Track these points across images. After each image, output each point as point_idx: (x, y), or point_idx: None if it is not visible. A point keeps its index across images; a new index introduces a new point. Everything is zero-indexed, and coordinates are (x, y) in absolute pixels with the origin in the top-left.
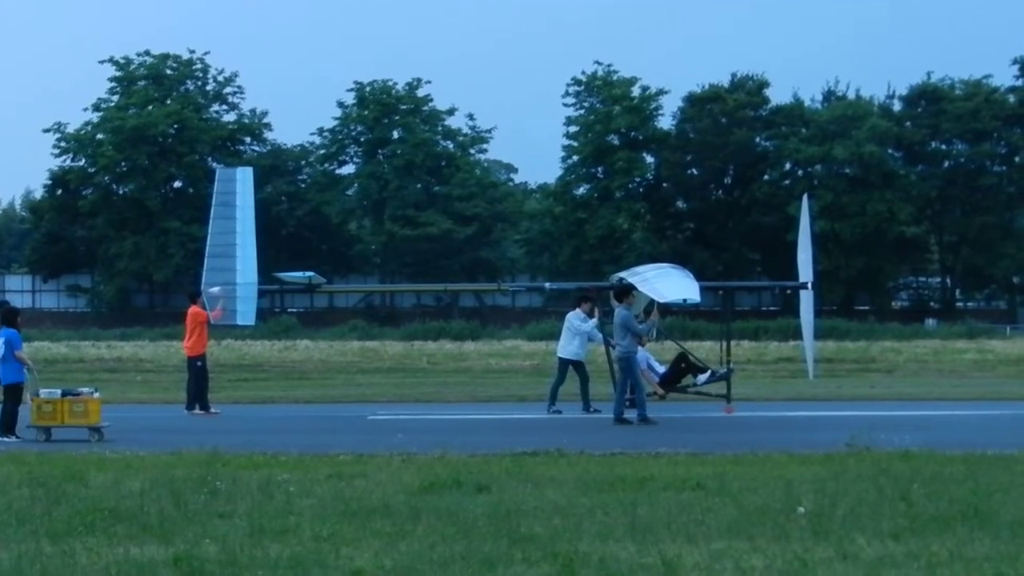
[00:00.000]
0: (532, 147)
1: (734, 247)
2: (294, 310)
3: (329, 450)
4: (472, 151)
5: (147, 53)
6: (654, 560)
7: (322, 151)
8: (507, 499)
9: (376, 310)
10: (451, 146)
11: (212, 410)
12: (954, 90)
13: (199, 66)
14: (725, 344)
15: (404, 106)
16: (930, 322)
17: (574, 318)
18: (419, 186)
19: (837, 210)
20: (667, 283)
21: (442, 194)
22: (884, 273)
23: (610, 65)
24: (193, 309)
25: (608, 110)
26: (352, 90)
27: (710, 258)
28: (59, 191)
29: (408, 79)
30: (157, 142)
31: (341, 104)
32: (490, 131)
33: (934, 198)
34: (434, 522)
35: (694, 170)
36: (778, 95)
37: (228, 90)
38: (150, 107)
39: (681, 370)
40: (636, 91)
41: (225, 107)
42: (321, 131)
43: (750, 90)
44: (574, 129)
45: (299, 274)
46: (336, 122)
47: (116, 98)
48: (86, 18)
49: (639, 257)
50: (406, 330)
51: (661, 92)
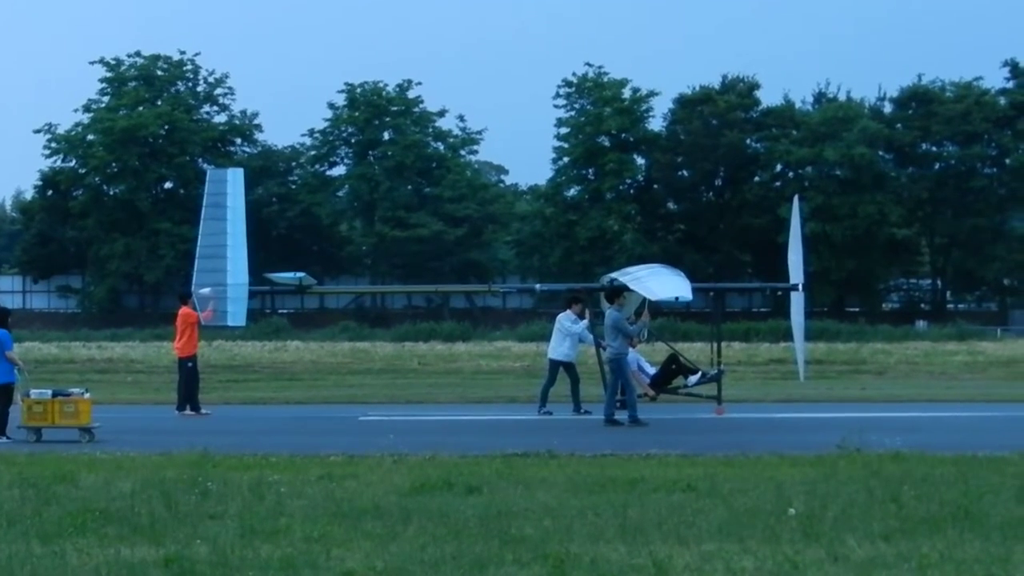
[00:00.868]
0: (523, 149)
1: (725, 249)
2: (285, 311)
3: (320, 451)
4: (463, 152)
5: (138, 54)
6: (645, 561)
7: (313, 152)
8: (498, 500)
9: (367, 311)
10: (442, 148)
11: (203, 411)
12: (945, 92)
13: (190, 67)
14: (716, 345)
15: (395, 107)
16: (921, 324)
17: (565, 319)
18: (410, 187)
19: (828, 212)
20: (658, 281)
21: (433, 195)
22: (875, 275)
23: (601, 67)
24: (184, 310)
25: (599, 112)
26: (343, 91)
27: (701, 260)
28: (50, 192)
29: (399, 80)
30: (148, 143)
31: (332, 105)
32: (481, 133)
33: (925, 200)
34: (425, 523)
35: (685, 172)
36: (769, 97)
37: (219, 91)
38: (141, 108)
39: (672, 371)
40: (627, 93)
41: (216, 108)
42: (312, 132)
43: (741, 92)
44: (565, 131)
45: (290, 275)
46: (327, 123)
47: (107, 99)
48: (77, 19)
49: (630, 259)
50: (397, 331)
51: (652, 94)
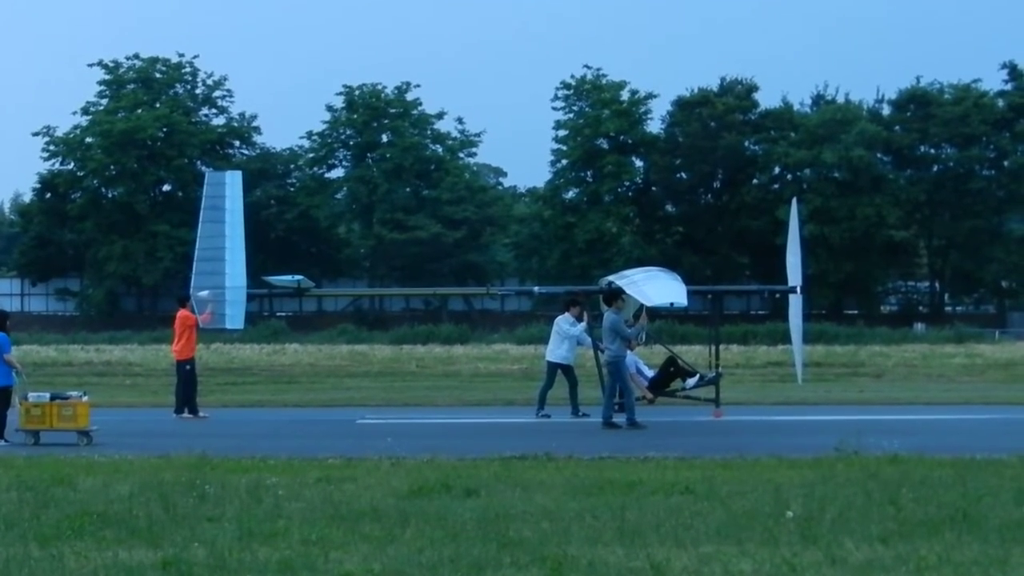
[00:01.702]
0: (521, 151)
1: (723, 251)
2: (283, 314)
3: (318, 454)
4: (461, 155)
5: (136, 57)
6: (643, 564)
7: (311, 155)
8: (496, 503)
9: (365, 314)
10: (440, 150)
11: (201, 414)
12: (943, 94)
13: (188, 70)
14: (714, 348)
15: (393, 110)
16: (919, 326)
17: (563, 322)
18: (408, 190)
19: (826, 214)
20: (654, 287)
21: (431, 198)
22: (873, 277)
23: (599, 69)
24: (182, 313)
25: (597, 114)
26: (341, 94)
27: (699, 262)
28: (48, 195)
29: (397, 83)
30: (146, 146)
31: (330, 108)
32: (479, 135)
33: (923, 202)
34: (423, 526)
35: (683, 174)
36: (767, 99)
37: (217, 94)
38: (139, 111)
39: (670, 374)
40: (625, 95)
41: (214, 111)
42: (310, 135)
43: (739, 94)
44: (563, 133)
45: (288, 278)
46: (325, 126)
47: (105, 102)
48: (75, 22)
49: (628, 261)
50: (395, 334)
51: (650, 96)
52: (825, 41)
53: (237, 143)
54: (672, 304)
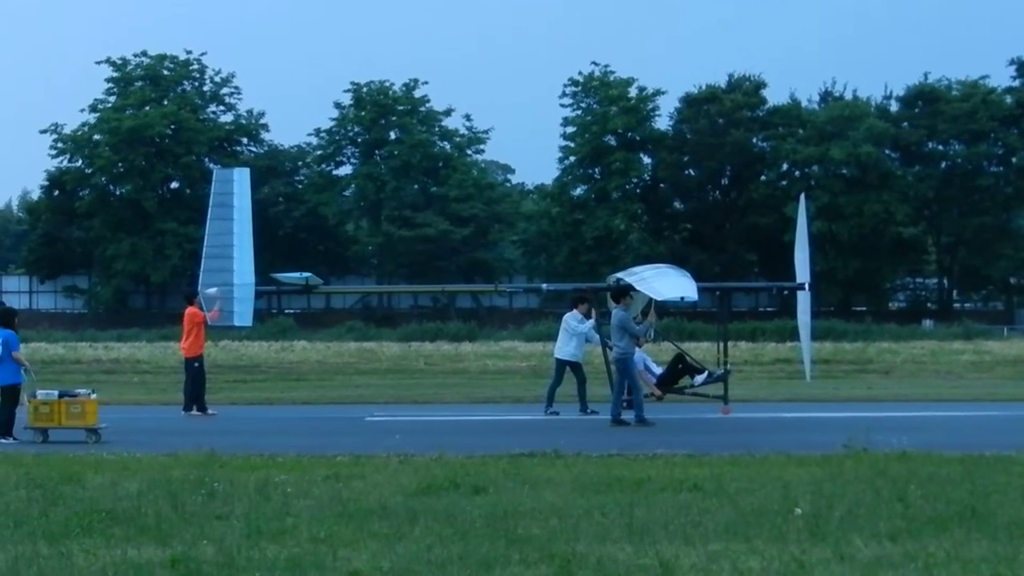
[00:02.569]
0: (529, 148)
1: (731, 248)
2: (291, 311)
3: (326, 451)
4: (469, 152)
5: (144, 54)
6: (651, 561)
7: (319, 152)
8: (504, 500)
9: (373, 311)
10: (448, 147)
11: (209, 411)
12: (951, 91)
13: (196, 67)
14: (722, 345)
15: (401, 107)
16: (927, 323)
17: (571, 319)
18: (416, 187)
19: (834, 211)
20: (664, 282)
21: (439, 195)
22: (881, 274)
23: (607, 66)
24: (190, 310)
25: (605, 111)
26: (349, 91)
27: (707, 259)
28: (56, 192)
29: (405, 80)
30: (154, 143)
31: (338, 105)
32: (487, 132)
33: (931, 199)
34: (431, 523)
35: (691, 171)
36: (775, 96)
37: (225, 91)
38: (147, 108)
39: (678, 371)
40: (633, 92)
41: (222, 108)
42: (318, 132)
43: (747, 91)
44: (571, 130)
45: (296, 275)
46: (333, 123)
47: (113, 99)
48: (83, 19)
49: (636, 258)
50: (403, 331)
51: (658, 93)
52: (833, 38)
53: (245, 140)
54: (683, 298)
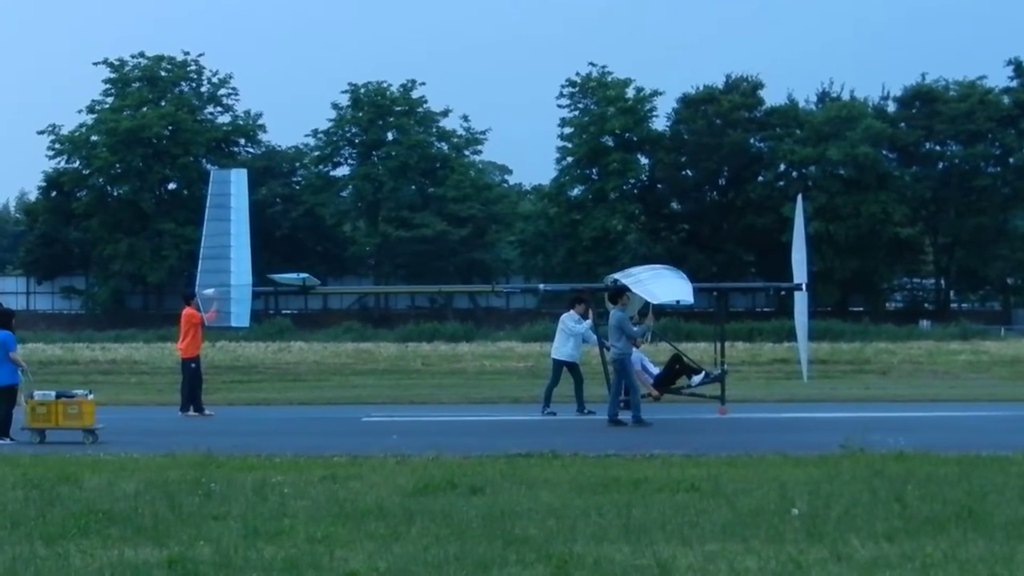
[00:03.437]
0: (526, 149)
1: (728, 248)
2: (288, 312)
3: (323, 452)
4: (466, 152)
5: (141, 55)
6: (648, 562)
7: (316, 153)
8: (501, 501)
9: (370, 312)
10: (445, 148)
11: (206, 412)
12: (948, 91)
13: (193, 68)
14: (719, 345)
15: (398, 108)
16: (924, 323)
17: (568, 320)
18: (413, 188)
19: (831, 211)
20: (660, 284)
21: (436, 196)
22: (878, 274)
23: (604, 66)
24: (187, 311)
25: (602, 111)
26: (346, 92)
27: (704, 259)
28: (53, 193)
29: (402, 80)
30: (151, 144)
31: (335, 106)
32: (484, 133)
33: (928, 199)
34: (428, 524)
35: (688, 171)
36: (772, 96)
37: (222, 92)
38: (144, 109)
39: (675, 372)
40: (630, 92)
41: (219, 109)
42: (315, 133)
43: (744, 91)
44: (568, 130)
45: (293, 276)
46: (330, 124)
47: (110, 100)
48: (80, 20)
49: (633, 259)
50: (400, 332)
51: (655, 93)
52: (830, 38)
53: (242, 141)
54: (679, 302)
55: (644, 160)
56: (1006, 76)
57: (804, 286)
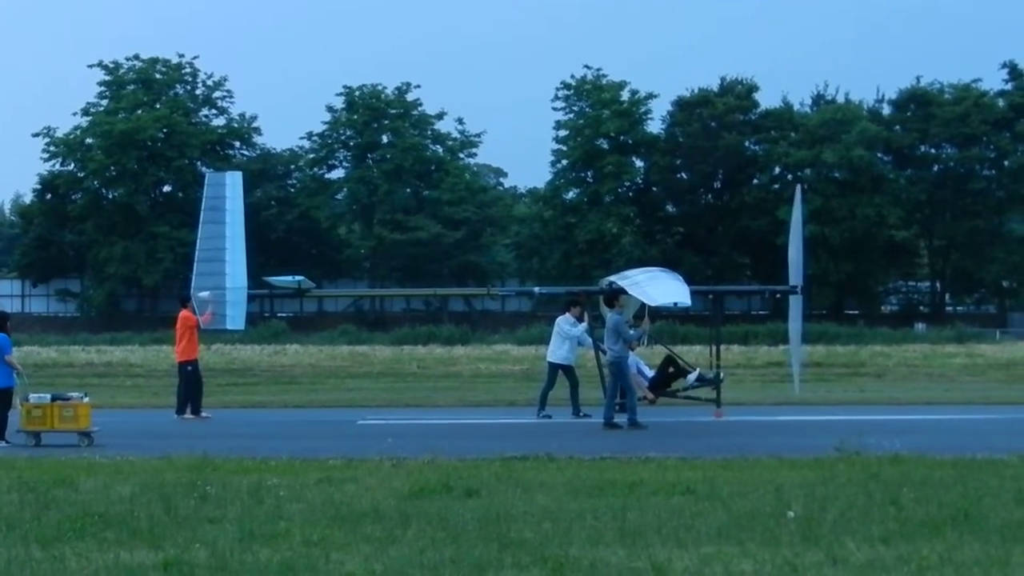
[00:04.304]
0: (521, 151)
1: (723, 251)
2: (284, 315)
3: (319, 455)
4: (461, 155)
5: (136, 57)
6: (644, 565)
7: (311, 155)
8: (497, 504)
9: (366, 315)
10: (440, 150)
11: (203, 414)
12: (943, 94)
13: (188, 70)
14: (715, 348)
15: (393, 110)
16: (920, 326)
17: (564, 322)
18: (408, 191)
19: (826, 214)
20: (657, 287)
21: (431, 198)
22: (873, 277)
23: (599, 69)
24: (183, 314)
25: (597, 114)
26: (341, 94)
27: (699, 262)
28: (48, 196)
29: (397, 83)
30: (146, 146)
31: (330, 108)
32: (479, 135)
33: (923, 202)
34: (424, 527)
35: (683, 174)
36: (767, 99)
37: (217, 94)
38: (139, 111)
39: (669, 374)
40: (625, 95)
41: (214, 111)
42: (310, 135)
43: (739, 94)
44: (563, 133)
45: (289, 278)
46: (325, 126)
47: (105, 103)
48: (75, 23)
49: (628, 261)
50: (396, 335)
51: (650, 96)
52: (825, 41)
53: (237, 144)
54: (676, 304)
55: (639, 163)
56: (1001, 79)
57: (799, 289)
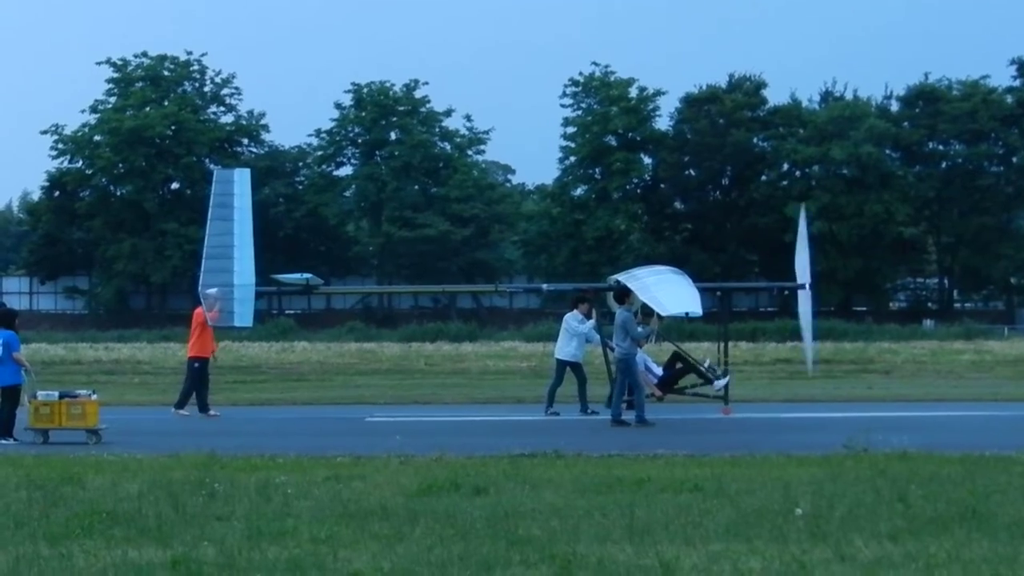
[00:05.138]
0: (529, 148)
1: (731, 248)
2: (292, 312)
3: (327, 452)
4: (470, 152)
5: (144, 55)
6: (652, 562)
7: (319, 152)
8: (505, 501)
9: (374, 312)
10: (448, 147)
11: (212, 412)
12: (951, 91)
13: (196, 67)
14: (723, 345)
15: (401, 107)
16: (928, 323)
17: (571, 319)
18: (417, 187)
19: (834, 211)
20: (668, 295)
21: (440, 195)
22: (882, 274)
23: (607, 66)
24: (197, 310)
25: (605, 111)
26: (349, 91)
27: (707, 259)
28: (56, 193)
29: (405, 80)
30: (154, 143)
31: (338, 105)
32: (488, 132)
33: (932, 199)
34: (432, 524)
35: (691, 171)
36: (775, 96)
37: (225, 91)
38: (147, 108)
39: (678, 371)
40: (634, 92)
41: (222, 108)
42: (318, 132)
43: (747, 91)
44: (571, 130)
45: (297, 276)
46: (333, 123)
47: (113, 100)
48: (83, 20)
49: (636, 258)
50: (404, 331)
51: (659, 93)
52: (833, 38)
53: (245, 141)
54: (687, 314)
55: (647, 160)
56: (1009, 75)
57: (807, 286)
